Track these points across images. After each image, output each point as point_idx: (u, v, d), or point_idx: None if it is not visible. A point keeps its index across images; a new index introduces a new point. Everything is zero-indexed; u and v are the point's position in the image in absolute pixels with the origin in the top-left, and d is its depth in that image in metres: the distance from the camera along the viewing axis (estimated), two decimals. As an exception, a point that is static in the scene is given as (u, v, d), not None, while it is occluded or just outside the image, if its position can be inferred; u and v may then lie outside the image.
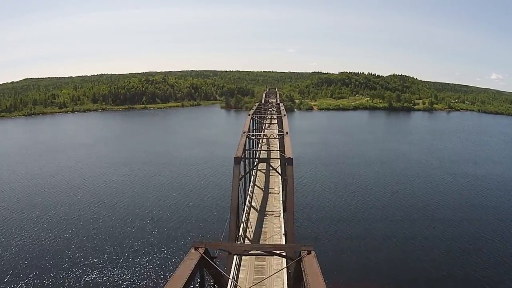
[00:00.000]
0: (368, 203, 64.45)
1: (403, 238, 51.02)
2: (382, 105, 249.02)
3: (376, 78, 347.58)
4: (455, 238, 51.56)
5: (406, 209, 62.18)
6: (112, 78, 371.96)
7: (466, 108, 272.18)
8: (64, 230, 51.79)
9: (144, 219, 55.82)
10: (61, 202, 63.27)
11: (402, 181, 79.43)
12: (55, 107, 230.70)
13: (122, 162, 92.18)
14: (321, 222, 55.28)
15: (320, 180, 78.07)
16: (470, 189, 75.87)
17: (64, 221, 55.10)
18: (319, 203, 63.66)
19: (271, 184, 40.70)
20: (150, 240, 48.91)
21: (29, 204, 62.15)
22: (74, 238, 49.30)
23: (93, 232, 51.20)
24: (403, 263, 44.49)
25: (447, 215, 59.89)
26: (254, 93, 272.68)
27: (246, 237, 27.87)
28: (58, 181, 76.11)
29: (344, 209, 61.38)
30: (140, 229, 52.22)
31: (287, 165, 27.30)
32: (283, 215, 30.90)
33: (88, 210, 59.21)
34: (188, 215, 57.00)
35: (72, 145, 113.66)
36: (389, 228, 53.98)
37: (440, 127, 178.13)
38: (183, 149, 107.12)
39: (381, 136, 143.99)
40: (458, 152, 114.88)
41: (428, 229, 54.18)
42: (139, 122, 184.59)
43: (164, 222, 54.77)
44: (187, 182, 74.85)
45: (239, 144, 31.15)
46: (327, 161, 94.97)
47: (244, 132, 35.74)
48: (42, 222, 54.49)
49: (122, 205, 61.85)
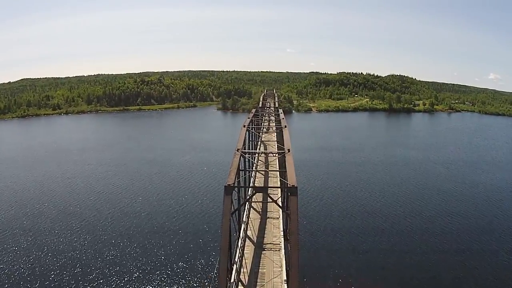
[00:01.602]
0: (376, 218, 57.64)
1: (413, 250, 47.30)
2: (382, 107, 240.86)
3: (374, 78, 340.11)
4: (465, 250, 48.05)
5: (417, 222, 56.49)
6: (109, 78, 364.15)
7: (467, 109, 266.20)
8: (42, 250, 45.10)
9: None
10: (35, 219, 55.67)
11: (410, 191, 71.82)
12: (49, 108, 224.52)
13: (104, 173, 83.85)
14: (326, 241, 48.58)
15: (321, 190, 70.09)
16: (479, 197, 69.55)
17: (40, 237, 49.33)
18: (324, 223, 55.51)
19: (269, 207, 33.63)
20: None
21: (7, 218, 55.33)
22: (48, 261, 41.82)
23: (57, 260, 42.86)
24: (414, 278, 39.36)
25: (457, 225, 56.02)
26: (252, 94, 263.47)
27: (240, 282, 22.70)
28: (36, 194, 67.92)
29: (351, 226, 54.26)
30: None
31: (290, 196, 21.59)
32: (284, 248, 26.01)
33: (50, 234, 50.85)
34: (168, 251, 45.96)
35: (56, 153, 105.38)
36: (401, 243, 49.63)
37: (442, 130, 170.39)
38: (173, 158, 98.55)
39: (383, 140, 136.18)
40: (464, 158, 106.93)
41: (445, 243, 49.73)
42: (131, 125, 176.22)
43: (136, 260, 43.85)
44: (171, 205, 62.98)
45: (232, 167, 25.39)
46: (328, 170, 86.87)
47: (238, 149, 29.26)
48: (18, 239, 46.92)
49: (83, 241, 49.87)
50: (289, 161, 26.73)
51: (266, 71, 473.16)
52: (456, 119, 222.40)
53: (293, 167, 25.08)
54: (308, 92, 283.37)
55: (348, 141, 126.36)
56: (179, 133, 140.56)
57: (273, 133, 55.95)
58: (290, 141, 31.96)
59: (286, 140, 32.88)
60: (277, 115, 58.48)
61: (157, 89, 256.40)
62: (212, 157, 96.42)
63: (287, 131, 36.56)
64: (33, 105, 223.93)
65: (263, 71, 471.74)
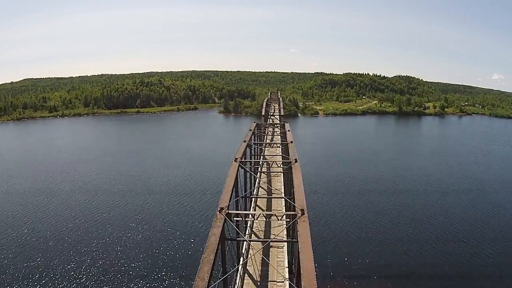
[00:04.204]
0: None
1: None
2: (391, 110, 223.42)
3: (381, 79, 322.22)
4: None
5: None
6: (113, 78, 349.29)
7: (477, 112, 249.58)
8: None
9: None
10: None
11: (434, 215, 58.13)
12: (45, 111, 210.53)
13: (87, 189, 68.73)
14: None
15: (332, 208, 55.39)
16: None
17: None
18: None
19: (273, 230, 26.50)
20: None
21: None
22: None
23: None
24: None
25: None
26: (256, 95, 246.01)
27: None
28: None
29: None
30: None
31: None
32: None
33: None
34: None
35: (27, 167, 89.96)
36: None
37: (458, 136, 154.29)
38: (162, 174, 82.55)
39: (398, 149, 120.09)
40: (486, 171, 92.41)
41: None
42: (126, 130, 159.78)
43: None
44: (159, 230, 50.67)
45: (224, 192, 20.41)
46: (338, 189, 70.68)
47: (236, 159, 26.80)
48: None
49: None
50: (296, 176, 23.47)
51: (271, 71, 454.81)
52: (468, 123, 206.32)
53: (301, 185, 21.46)
54: (314, 94, 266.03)
55: (361, 153, 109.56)
56: (173, 142, 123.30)
57: (278, 148, 46.55)
58: (297, 155, 28.33)
59: (292, 154, 29.17)
60: (283, 127, 48.45)
61: (157, 90, 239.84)
62: (208, 172, 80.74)
63: (294, 146, 32.55)
64: (29, 107, 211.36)
65: (267, 71, 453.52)
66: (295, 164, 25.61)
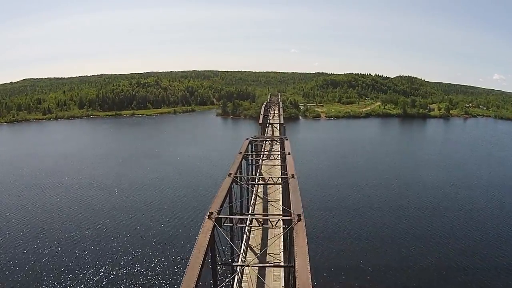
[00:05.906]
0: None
1: None
2: (395, 112, 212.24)
3: (383, 79, 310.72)
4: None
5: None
6: (112, 78, 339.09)
7: (482, 114, 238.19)
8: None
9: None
10: None
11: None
12: (39, 113, 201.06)
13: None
14: None
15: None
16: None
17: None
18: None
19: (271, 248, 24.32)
20: None
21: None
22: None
23: None
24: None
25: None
26: (255, 97, 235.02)
27: None
28: None
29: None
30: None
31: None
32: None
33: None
34: None
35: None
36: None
37: (465, 140, 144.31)
38: (148, 189, 72.35)
39: (405, 156, 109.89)
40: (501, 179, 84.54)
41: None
42: (119, 134, 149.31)
43: None
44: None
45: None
46: (342, 200, 60.24)
47: (230, 174, 25.27)
48: None
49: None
50: (293, 187, 22.48)
51: (271, 71, 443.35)
52: (474, 125, 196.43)
53: (298, 195, 20.75)
54: (315, 95, 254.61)
55: (368, 162, 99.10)
56: (165, 149, 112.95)
57: (276, 160, 43.14)
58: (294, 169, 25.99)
59: (290, 168, 27.31)
60: (282, 145, 41.50)
61: (153, 91, 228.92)
62: (202, 189, 70.64)
63: (291, 158, 30.42)
64: (24, 109, 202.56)
65: (268, 71, 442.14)
66: (292, 180, 24.14)
